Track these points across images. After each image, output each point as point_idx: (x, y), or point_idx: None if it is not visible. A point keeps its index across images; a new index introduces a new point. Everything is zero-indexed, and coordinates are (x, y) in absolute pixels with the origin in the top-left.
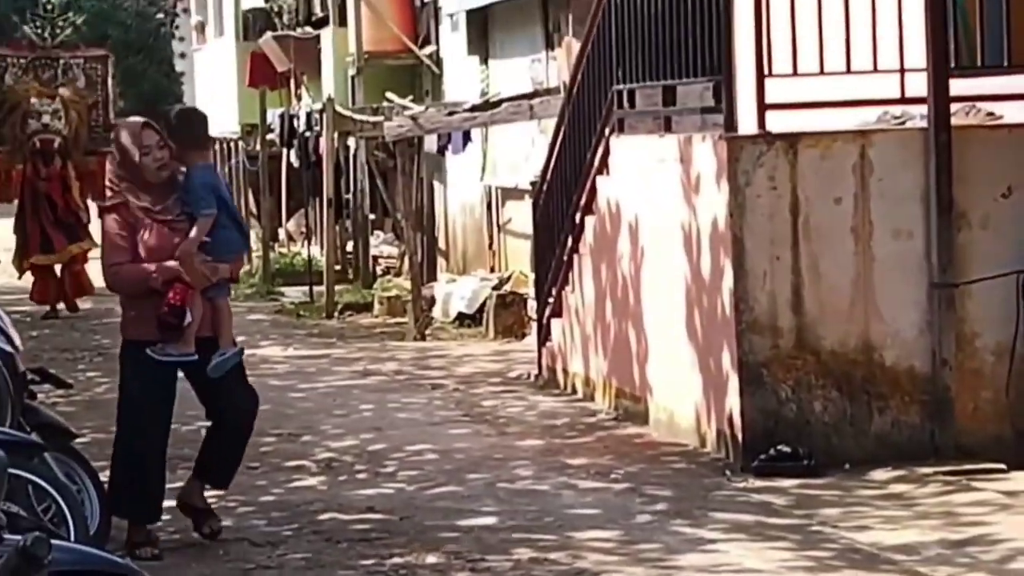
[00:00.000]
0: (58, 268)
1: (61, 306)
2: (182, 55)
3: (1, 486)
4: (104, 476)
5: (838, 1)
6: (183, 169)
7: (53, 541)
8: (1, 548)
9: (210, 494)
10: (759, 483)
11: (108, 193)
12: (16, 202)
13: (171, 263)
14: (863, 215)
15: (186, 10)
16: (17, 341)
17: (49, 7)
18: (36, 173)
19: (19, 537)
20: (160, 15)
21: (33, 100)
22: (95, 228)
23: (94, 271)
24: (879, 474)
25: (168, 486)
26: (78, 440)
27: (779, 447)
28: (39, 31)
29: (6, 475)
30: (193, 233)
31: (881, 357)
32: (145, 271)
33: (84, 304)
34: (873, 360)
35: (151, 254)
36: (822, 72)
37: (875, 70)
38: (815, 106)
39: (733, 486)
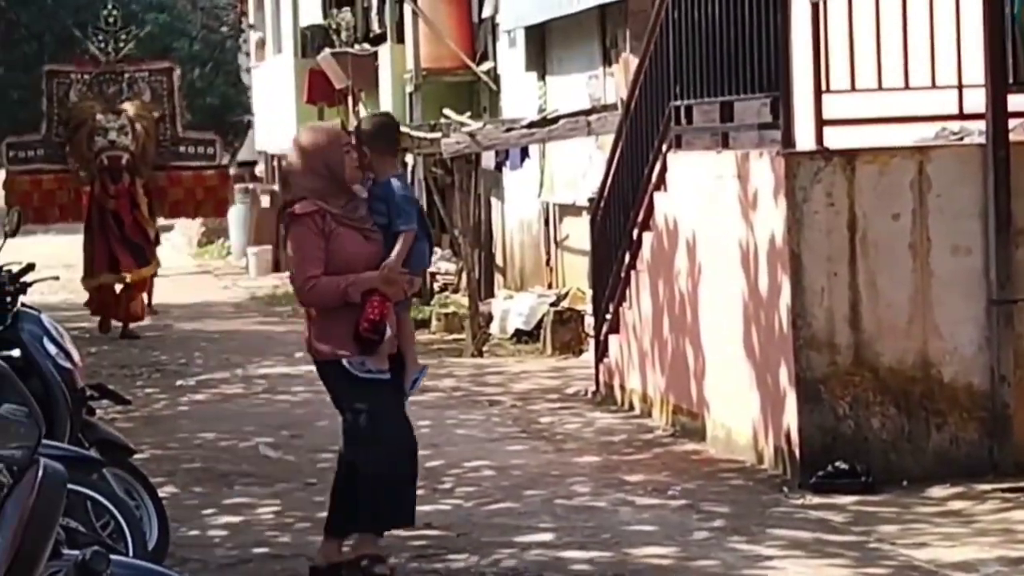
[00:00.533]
0: (118, 286)
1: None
2: (247, 69)
3: (61, 502)
4: (163, 492)
5: (896, 17)
6: (371, 176)
7: (112, 556)
8: (60, 563)
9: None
10: (817, 500)
11: (295, 203)
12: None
13: (369, 274)
14: (921, 231)
15: (251, 26)
16: (76, 357)
17: (112, 21)
18: (104, 191)
19: (78, 552)
20: (225, 28)
21: (99, 117)
22: (162, 247)
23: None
24: (937, 491)
25: (227, 501)
26: (136, 456)
27: (837, 464)
28: (102, 46)
29: (66, 491)
30: (397, 248)
31: (939, 373)
32: (341, 283)
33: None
34: (931, 376)
35: (347, 262)
36: (880, 88)
37: (933, 86)
38: (873, 122)
39: (791, 503)
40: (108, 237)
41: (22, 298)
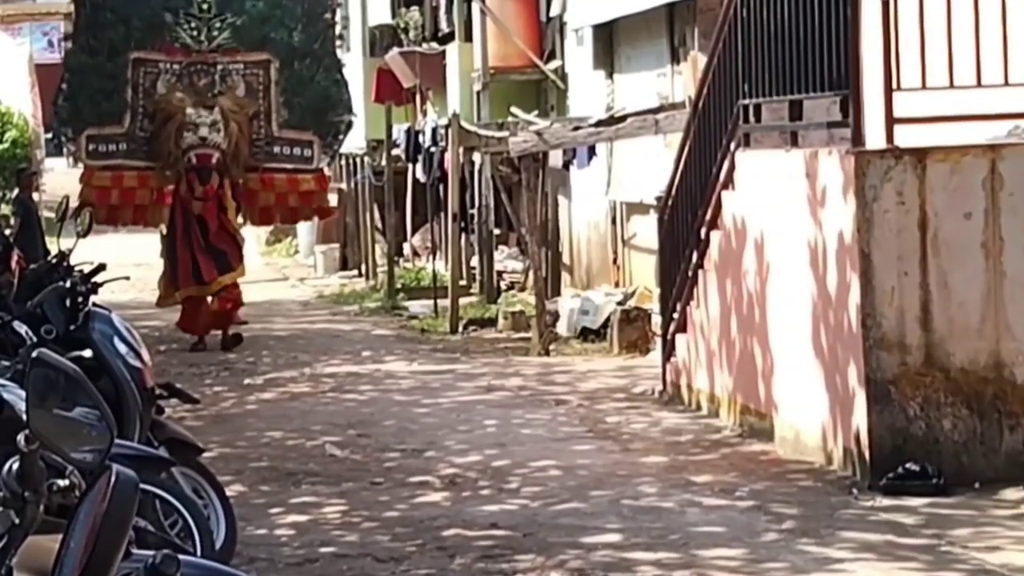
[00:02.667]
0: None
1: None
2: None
3: (133, 507)
4: (230, 491)
5: (968, 13)
6: None
7: (181, 557)
8: (129, 564)
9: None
10: (887, 502)
11: None
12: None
13: None
14: (993, 231)
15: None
16: (146, 356)
17: (205, 6)
18: (191, 192)
19: (147, 552)
20: (327, 15)
21: (189, 111)
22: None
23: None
24: (1010, 493)
25: (293, 500)
26: (204, 455)
27: (907, 465)
28: (194, 34)
29: (138, 496)
30: None
31: (1012, 374)
32: None
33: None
34: (1003, 377)
35: None
36: (951, 86)
37: (1006, 83)
38: (944, 120)
39: (860, 505)
40: (192, 244)
41: (93, 298)
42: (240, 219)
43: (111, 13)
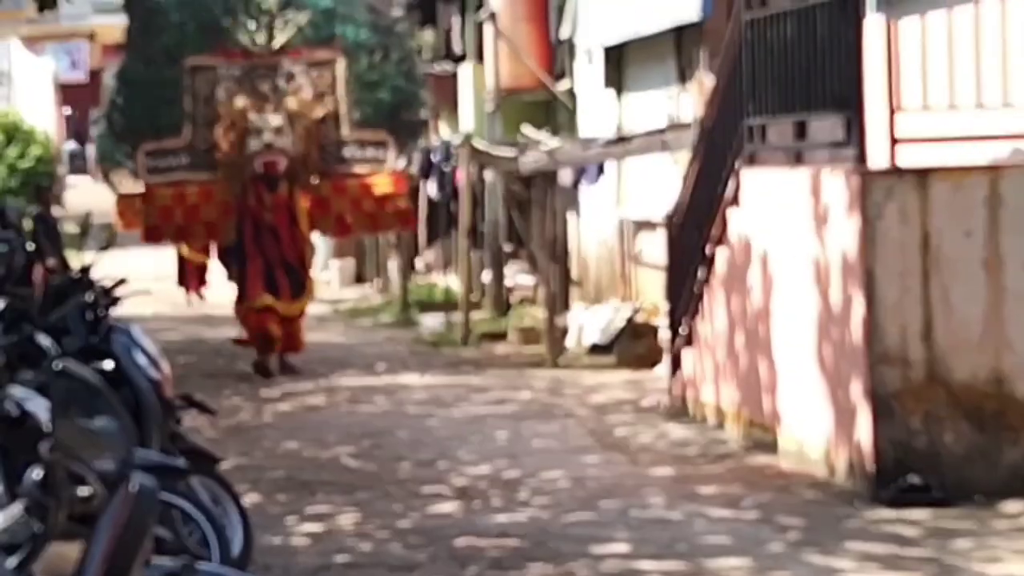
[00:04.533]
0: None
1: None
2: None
3: (153, 516)
4: (247, 500)
5: (969, 36)
6: None
7: (199, 565)
8: (149, 571)
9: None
10: (890, 514)
11: None
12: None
13: None
14: (993, 248)
15: None
16: (165, 368)
17: (265, 5)
18: (259, 202)
19: (166, 560)
20: (398, 8)
21: (252, 116)
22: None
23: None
24: (1010, 506)
25: (309, 509)
26: (222, 465)
27: (910, 478)
28: (254, 35)
29: (158, 505)
30: None
31: (1012, 389)
32: None
33: (223, 330)
34: (1004, 392)
35: None
36: (952, 106)
37: (1006, 105)
38: (946, 140)
39: (863, 516)
40: (268, 256)
41: (114, 311)
42: (315, 230)
43: (166, 18)
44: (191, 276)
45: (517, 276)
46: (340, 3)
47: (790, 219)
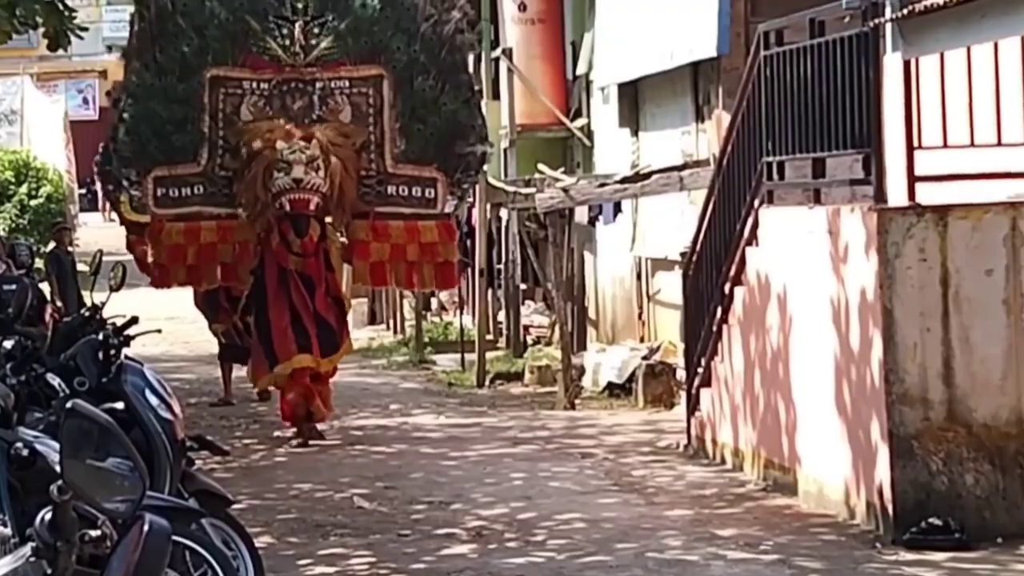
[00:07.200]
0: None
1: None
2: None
3: (165, 557)
4: (259, 542)
5: (988, 74)
6: None
7: None
8: None
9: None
10: (910, 556)
11: None
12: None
13: None
14: (1015, 287)
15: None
16: (177, 409)
17: (300, 5)
18: (286, 246)
19: None
20: (457, 13)
21: (281, 145)
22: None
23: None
24: None
25: (321, 552)
26: (234, 506)
27: (930, 520)
28: (286, 43)
29: (170, 546)
30: None
31: None
32: None
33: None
34: None
35: None
36: (972, 144)
37: None
38: (965, 178)
39: (883, 559)
40: (297, 309)
41: (125, 350)
42: (348, 278)
43: (182, 20)
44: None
45: (533, 315)
46: (389, 6)
47: (808, 258)
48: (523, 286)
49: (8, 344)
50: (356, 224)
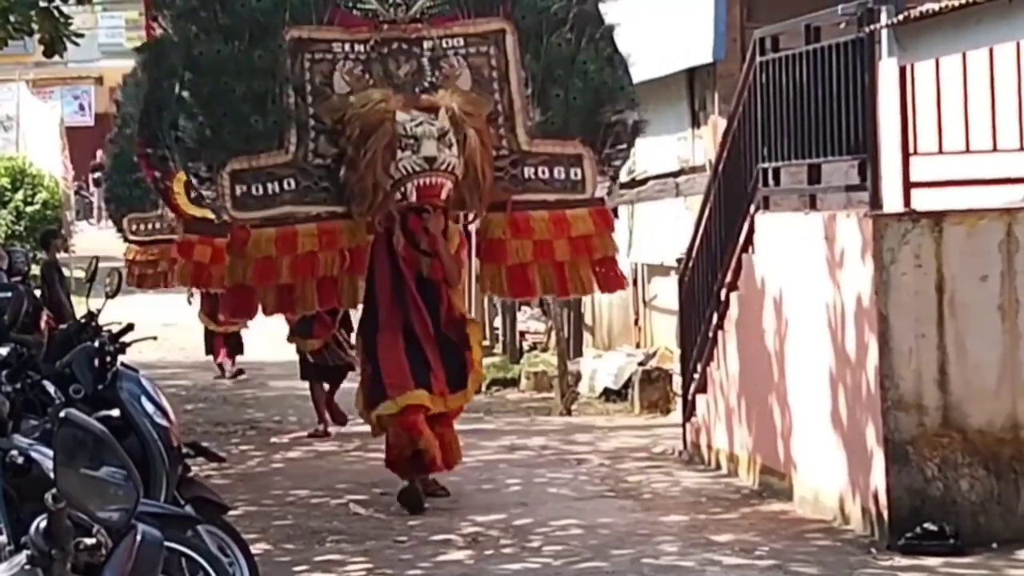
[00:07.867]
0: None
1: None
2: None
3: (158, 566)
4: (255, 549)
5: (984, 79)
6: None
7: None
8: None
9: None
10: (905, 561)
11: None
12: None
13: None
14: (1009, 293)
15: None
16: (172, 416)
17: None
18: (411, 244)
19: None
20: None
21: (400, 116)
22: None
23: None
24: None
25: (318, 558)
26: (230, 513)
27: (925, 525)
28: None
29: (163, 555)
30: None
31: None
32: None
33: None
34: (1021, 438)
35: None
36: (967, 150)
37: (1022, 148)
38: (961, 184)
39: (879, 564)
40: (415, 328)
41: (121, 358)
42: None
43: None
44: (218, 346)
45: (529, 321)
46: None
47: (804, 263)
48: None
49: (4, 351)
50: (490, 218)
